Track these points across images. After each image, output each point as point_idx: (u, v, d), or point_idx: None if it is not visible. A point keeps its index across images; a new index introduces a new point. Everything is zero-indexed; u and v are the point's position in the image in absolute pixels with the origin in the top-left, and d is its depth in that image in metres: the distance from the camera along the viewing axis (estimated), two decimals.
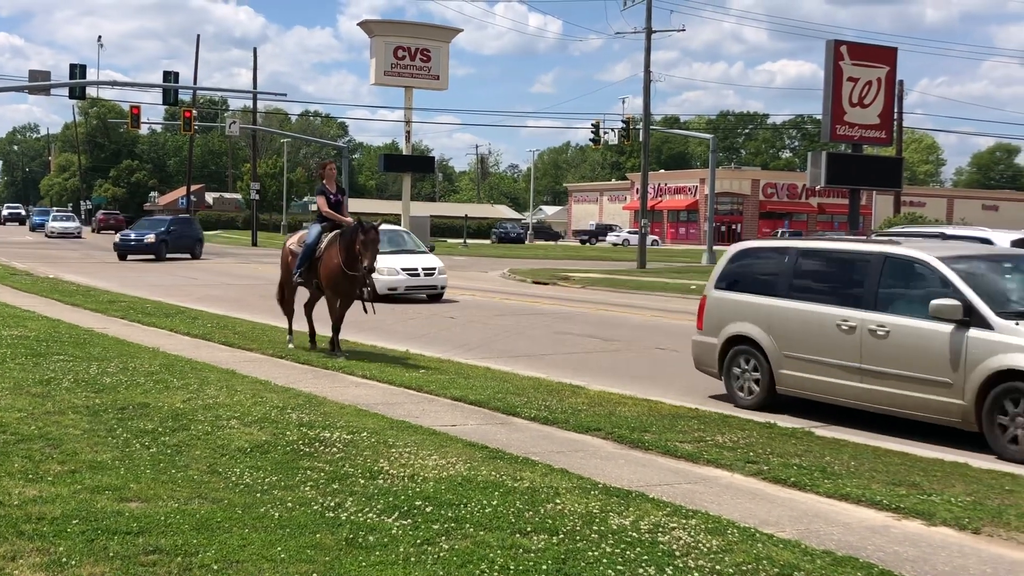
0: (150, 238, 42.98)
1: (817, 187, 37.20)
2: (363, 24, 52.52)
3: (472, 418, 9.95)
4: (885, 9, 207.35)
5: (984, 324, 9.36)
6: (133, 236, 44.01)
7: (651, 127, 53.22)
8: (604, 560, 5.52)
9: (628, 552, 5.68)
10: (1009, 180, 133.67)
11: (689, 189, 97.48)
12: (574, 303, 26.20)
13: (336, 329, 14.19)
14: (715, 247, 54.11)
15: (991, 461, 8.72)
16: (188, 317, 18.54)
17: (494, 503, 6.59)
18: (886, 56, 32.31)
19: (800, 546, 5.99)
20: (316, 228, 14.44)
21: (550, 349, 16.67)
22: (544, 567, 5.38)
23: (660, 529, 6.17)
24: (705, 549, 5.81)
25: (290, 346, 14.63)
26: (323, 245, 14.03)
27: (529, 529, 6.06)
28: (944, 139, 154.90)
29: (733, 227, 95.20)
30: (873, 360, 10.15)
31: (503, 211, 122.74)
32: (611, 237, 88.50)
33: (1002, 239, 15.59)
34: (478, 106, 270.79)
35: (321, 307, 14.73)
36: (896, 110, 40.96)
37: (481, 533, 5.96)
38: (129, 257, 42.66)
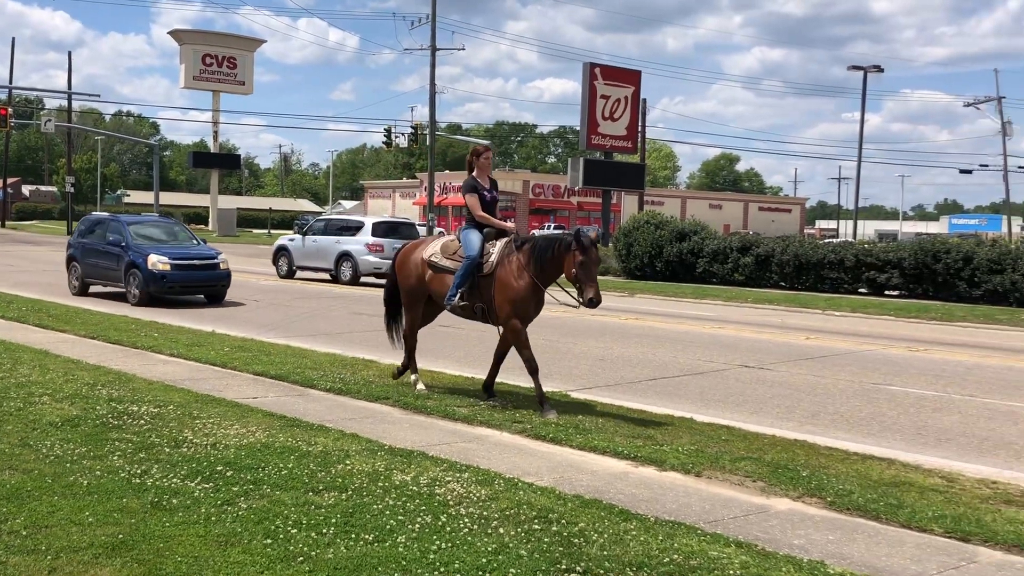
0: None
1: (576, 188, 38.20)
2: (173, 33, 50.38)
3: (272, 391, 9.72)
4: (633, 38, 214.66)
5: None
6: None
7: (436, 133, 53.46)
8: (387, 512, 5.52)
9: (408, 504, 5.70)
10: (731, 183, 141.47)
11: None
12: (370, 287, 25.96)
13: (532, 372, 9.09)
14: None
15: (712, 416, 9.18)
16: (3, 301, 17.31)
17: (290, 466, 6.47)
18: (632, 78, 33.46)
19: (555, 492, 6.16)
20: (475, 235, 9.45)
21: (347, 328, 16.48)
22: (334, 520, 5.32)
23: (437, 483, 6.21)
24: (475, 498, 5.89)
25: (420, 387, 9.87)
26: (493, 258, 9.28)
27: (321, 487, 5.99)
28: (680, 149, 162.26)
29: (507, 221, 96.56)
30: None
31: (305, 205, 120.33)
32: None
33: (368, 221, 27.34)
34: (283, 109, 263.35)
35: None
36: (640, 124, 42.50)
37: (277, 493, 5.84)
38: None
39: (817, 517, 6.02)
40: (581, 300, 8.71)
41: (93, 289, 21.49)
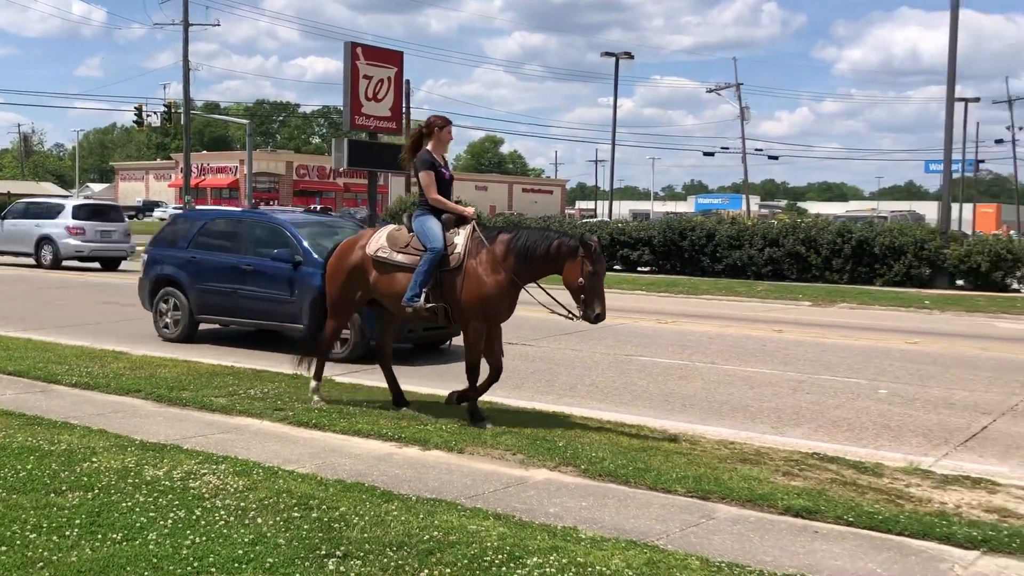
0: None
1: (341, 169, 37.72)
2: None
3: (10, 388, 9.02)
4: (398, 18, 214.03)
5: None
6: None
7: (192, 112, 51.13)
8: (137, 509, 5.26)
9: (160, 499, 5.46)
10: (496, 166, 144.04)
11: (230, 169, 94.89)
12: (121, 275, 24.59)
13: (486, 383, 8.15)
14: None
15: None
16: None
17: (29, 467, 6.02)
18: (394, 58, 33.34)
19: (316, 478, 6.08)
20: (434, 223, 8.05)
21: (96, 319, 15.55)
22: (78, 521, 5.01)
23: (192, 476, 5.98)
24: (232, 489, 5.72)
25: (316, 399, 8.55)
26: (459, 249, 7.97)
27: (64, 488, 5.62)
28: None
29: (271, 203, 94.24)
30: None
31: (49, 188, 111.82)
32: (158, 212, 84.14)
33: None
34: (21, 86, 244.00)
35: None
36: (405, 105, 42.44)
37: (14, 496, 5.43)
38: None
39: (572, 485, 6.27)
40: (582, 314, 7.68)
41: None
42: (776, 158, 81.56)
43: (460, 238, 8.00)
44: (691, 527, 5.48)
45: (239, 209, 14.11)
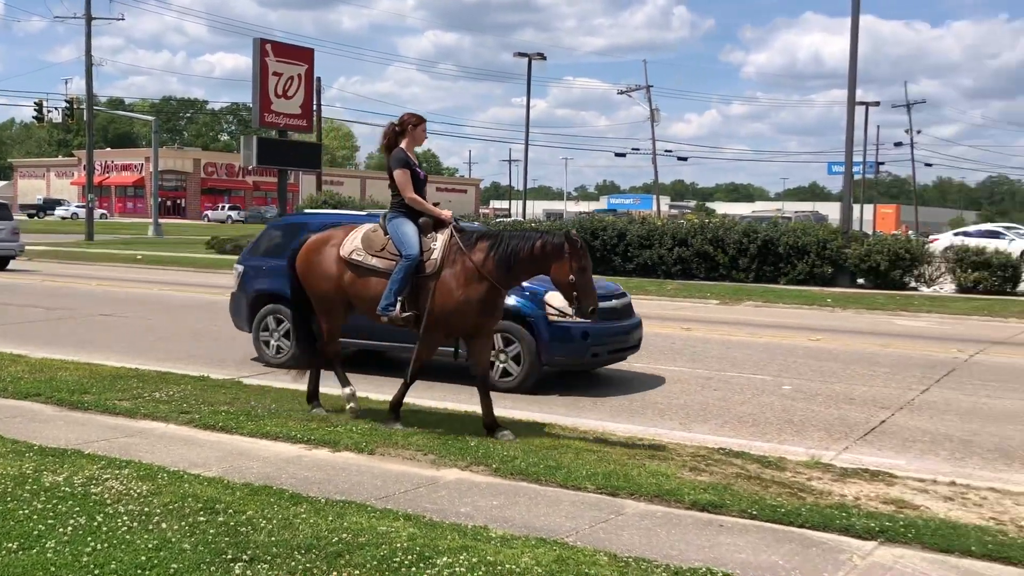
0: None
1: (250, 167, 37.15)
2: None
3: None
4: (309, 15, 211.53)
5: None
6: None
7: (96, 108, 49.74)
8: (35, 516, 5.09)
9: (60, 506, 5.29)
10: None
11: (136, 166, 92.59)
12: (11, 274, 23.78)
13: (410, 381, 7.88)
14: (160, 220, 52.15)
15: (412, 397, 9.28)
16: None
17: None
18: (305, 55, 32.98)
19: (223, 481, 5.98)
20: (410, 227, 7.69)
21: None
22: None
23: (94, 481, 5.82)
24: (136, 494, 5.58)
25: (317, 412, 8.21)
26: (436, 255, 7.59)
27: None
28: (359, 129, 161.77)
29: (178, 202, 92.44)
30: None
31: None
32: (60, 211, 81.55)
33: None
34: None
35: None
36: (316, 102, 41.96)
37: None
38: None
39: (483, 484, 6.28)
40: (576, 310, 7.40)
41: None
42: (685, 159, 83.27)
43: (437, 243, 7.63)
44: (600, 523, 5.55)
45: (363, 213, 11.91)
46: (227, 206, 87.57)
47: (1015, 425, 9.02)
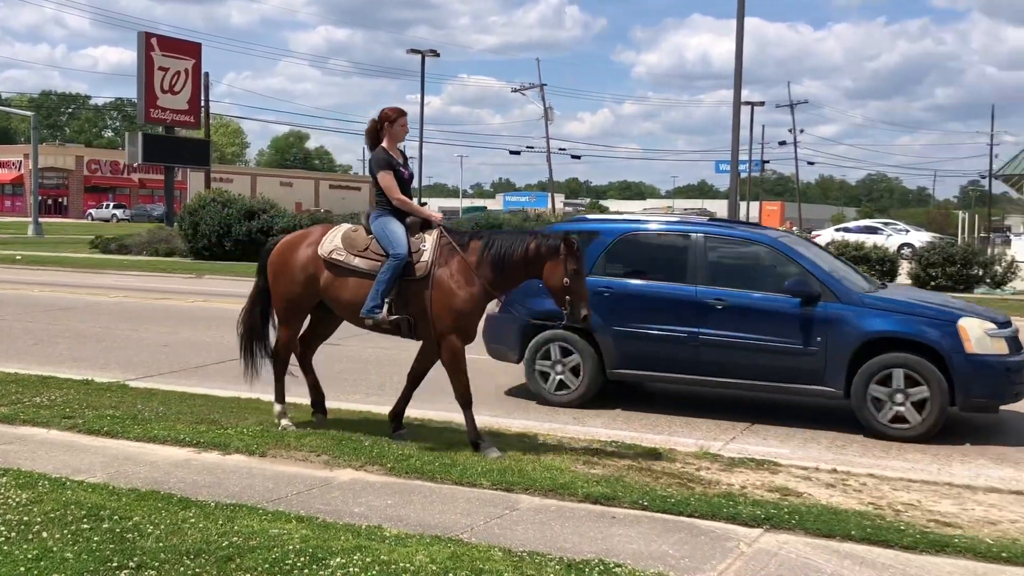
0: None
1: (136, 164, 36.13)
2: None
3: None
4: (197, 9, 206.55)
5: None
6: None
7: None
8: None
9: None
10: (301, 161, 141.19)
11: (14, 164, 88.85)
12: None
13: (465, 404, 7.29)
14: (40, 219, 50.27)
15: (292, 396, 9.13)
16: None
17: None
18: (192, 50, 32.26)
19: (108, 487, 5.80)
20: (397, 226, 7.27)
21: None
22: None
23: None
24: (15, 503, 5.37)
25: (285, 423, 7.69)
26: (426, 256, 7.19)
27: None
28: (249, 125, 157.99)
29: (60, 200, 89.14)
30: None
31: None
32: None
33: None
34: None
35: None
36: (204, 98, 40.96)
37: None
38: None
39: (378, 484, 6.25)
40: (569, 315, 6.95)
41: None
42: (579, 157, 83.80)
43: (427, 245, 7.20)
44: (495, 519, 5.58)
45: (674, 219, 10.17)
46: (112, 204, 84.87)
47: None
